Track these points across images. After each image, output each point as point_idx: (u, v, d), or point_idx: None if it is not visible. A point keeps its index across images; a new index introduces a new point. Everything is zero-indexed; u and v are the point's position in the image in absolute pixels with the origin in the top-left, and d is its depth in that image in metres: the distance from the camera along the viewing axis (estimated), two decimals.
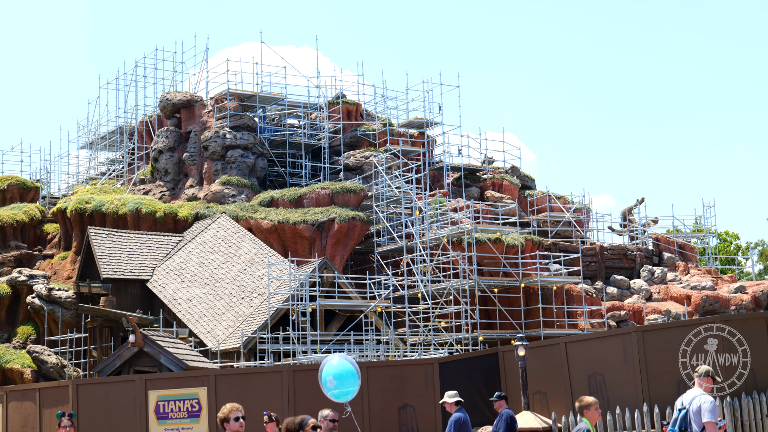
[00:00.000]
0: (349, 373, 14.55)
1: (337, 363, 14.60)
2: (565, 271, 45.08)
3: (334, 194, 45.90)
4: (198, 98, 53.00)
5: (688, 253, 53.60)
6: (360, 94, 57.25)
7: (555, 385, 22.35)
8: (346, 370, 14.53)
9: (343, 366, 14.54)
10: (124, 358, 28.43)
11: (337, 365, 14.57)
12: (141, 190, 51.82)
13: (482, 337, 40.38)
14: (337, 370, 14.55)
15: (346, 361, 14.61)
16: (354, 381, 14.60)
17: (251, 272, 39.72)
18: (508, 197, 53.06)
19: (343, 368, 14.53)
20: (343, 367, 14.54)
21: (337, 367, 14.58)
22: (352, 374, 14.57)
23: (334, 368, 14.58)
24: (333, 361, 14.68)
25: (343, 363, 14.56)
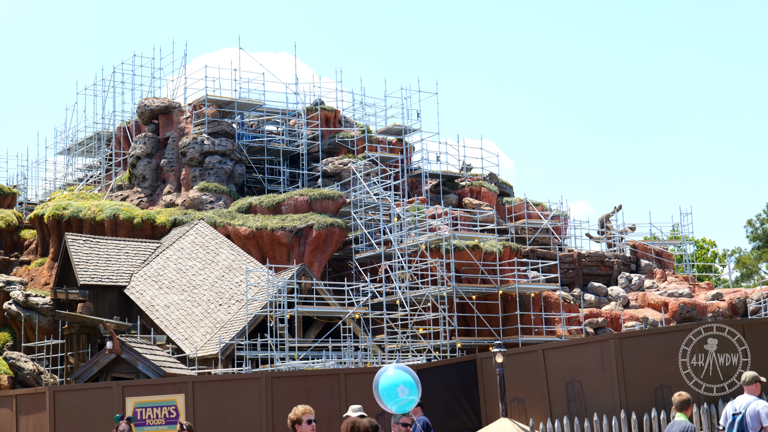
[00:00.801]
0: (409, 383, 14.22)
1: (394, 374, 14.20)
2: (543, 278, 45.17)
3: (312, 201, 45.89)
4: (176, 104, 52.89)
5: (666, 261, 53.80)
6: (338, 101, 57.32)
7: (533, 391, 22.38)
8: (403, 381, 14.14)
9: (401, 376, 14.12)
10: (102, 364, 28.33)
11: (394, 376, 14.15)
12: (119, 196, 51.67)
13: (460, 344, 40.41)
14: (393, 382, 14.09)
15: (404, 372, 14.22)
16: (414, 391, 14.25)
17: (229, 279, 39.66)
18: (486, 204, 53.15)
19: (402, 378, 14.12)
20: (401, 377, 14.12)
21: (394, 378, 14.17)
22: (412, 385, 14.25)
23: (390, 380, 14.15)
24: (389, 372, 14.30)
25: (401, 374, 14.15)
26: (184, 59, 55.52)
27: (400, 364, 14.45)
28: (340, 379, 23.89)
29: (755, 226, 77.95)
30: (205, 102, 50.92)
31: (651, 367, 20.64)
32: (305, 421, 11.24)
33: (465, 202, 53.34)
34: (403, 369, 14.04)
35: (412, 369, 14.12)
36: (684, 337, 20.44)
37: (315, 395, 23.42)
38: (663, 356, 20.65)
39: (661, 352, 20.75)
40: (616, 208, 56.36)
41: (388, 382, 13.91)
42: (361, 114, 56.10)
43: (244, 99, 52.25)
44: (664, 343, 20.88)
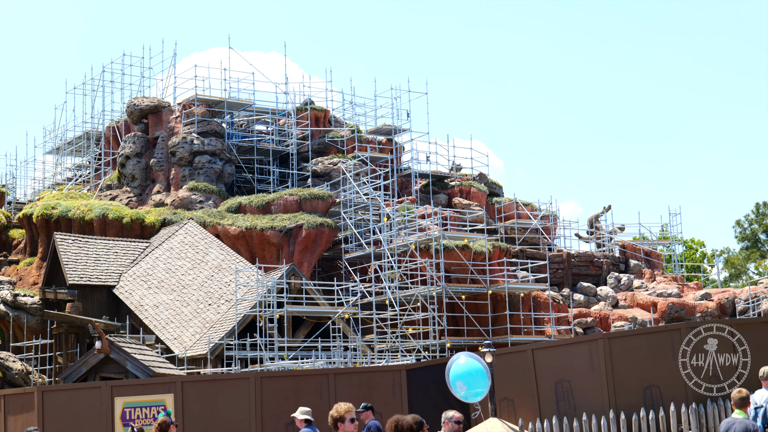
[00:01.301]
0: (478, 372, 14.21)
1: (465, 362, 14.22)
2: (532, 278, 45.21)
3: (301, 201, 45.87)
4: (165, 104, 52.82)
5: (655, 261, 53.88)
6: (328, 101, 57.29)
7: (522, 391, 22.37)
8: (474, 369, 14.14)
9: (471, 366, 14.13)
10: (90, 364, 28.28)
11: (465, 365, 14.17)
12: (108, 195, 51.58)
13: (450, 344, 40.43)
14: (466, 370, 14.11)
15: (474, 360, 14.24)
16: (484, 380, 14.24)
17: (218, 278, 39.62)
18: (475, 204, 53.18)
19: (472, 368, 14.13)
20: (471, 366, 14.13)
21: (465, 366, 14.19)
22: (482, 373, 14.24)
23: (462, 368, 14.19)
24: (460, 360, 14.32)
25: (471, 362, 14.17)
26: (173, 58, 55.50)
27: (469, 353, 14.48)
28: (329, 379, 23.87)
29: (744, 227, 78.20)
30: (194, 101, 50.85)
31: (640, 367, 20.65)
32: (348, 419, 11.16)
33: (455, 202, 53.36)
34: (474, 358, 14.11)
35: (482, 359, 14.17)
36: (675, 337, 20.45)
37: (304, 395, 23.39)
38: (652, 356, 20.66)
39: (650, 352, 20.77)
40: (605, 208, 56.43)
41: (450, 373, 14.04)
42: (351, 114, 56.15)
43: (234, 98, 52.21)
44: (653, 343, 20.90)
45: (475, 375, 14.13)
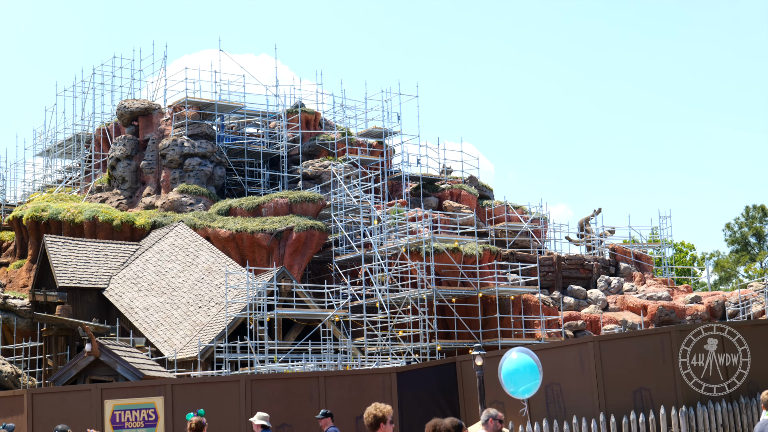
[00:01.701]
0: (529, 367, 14.22)
1: (517, 358, 14.23)
2: (522, 281, 45.24)
3: (292, 203, 45.84)
4: (156, 106, 52.76)
5: (645, 264, 53.95)
6: (319, 103, 57.29)
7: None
8: (524, 365, 14.15)
9: (521, 362, 14.15)
10: (80, 367, 28.21)
11: (517, 360, 14.19)
12: (98, 198, 51.49)
13: (440, 347, 40.43)
14: (516, 366, 14.12)
15: (526, 355, 14.26)
16: (535, 374, 14.23)
17: (209, 281, 39.58)
18: (466, 207, 53.20)
19: (522, 364, 14.14)
20: (521, 362, 14.15)
21: (516, 362, 14.20)
22: (532, 368, 14.24)
23: (513, 364, 14.20)
24: (512, 355, 14.33)
25: (523, 357, 14.20)
26: (164, 61, 55.44)
27: (522, 348, 14.49)
28: (319, 382, 23.86)
29: (734, 230, 78.37)
30: (185, 104, 50.81)
31: (630, 369, 20.68)
32: (389, 420, 11.11)
33: (445, 205, 53.38)
34: (525, 353, 14.12)
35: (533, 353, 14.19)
36: (665, 340, 20.48)
37: (294, 398, 23.38)
38: (642, 359, 20.69)
39: (640, 355, 20.79)
40: (595, 211, 56.48)
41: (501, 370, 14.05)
42: (342, 116, 56.15)
43: (225, 101, 52.16)
44: (643, 346, 20.93)
45: (524, 370, 14.19)
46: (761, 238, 77.81)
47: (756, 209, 78.00)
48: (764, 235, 77.84)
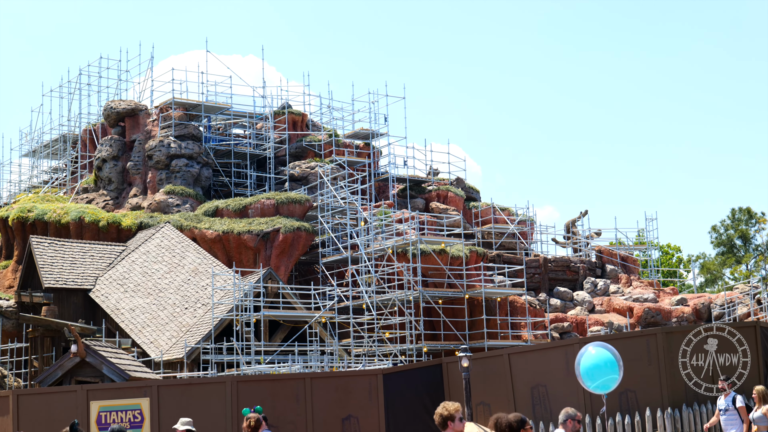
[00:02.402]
0: (609, 362, 14.21)
1: (596, 353, 14.24)
2: (509, 283, 45.30)
3: (279, 204, 45.82)
4: (142, 107, 52.69)
5: (631, 266, 54.07)
6: (306, 105, 57.26)
7: (498, 396, 22.43)
8: (603, 359, 14.15)
9: (600, 356, 14.15)
10: (66, 368, 28.17)
11: (596, 355, 14.20)
12: (84, 198, 51.39)
13: (426, 348, 40.45)
14: (595, 361, 14.13)
15: (605, 350, 14.27)
16: (614, 369, 14.22)
17: (195, 282, 39.53)
18: (452, 209, 53.24)
19: (601, 358, 14.14)
20: (600, 357, 14.15)
21: (595, 357, 14.21)
22: (612, 363, 14.23)
23: (592, 359, 14.20)
24: (590, 350, 14.33)
25: (602, 352, 14.21)
26: (150, 61, 55.36)
27: (600, 342, 14.52)
28: (306, 383, 23.86)
29: (719, 232, 78.54)
30: (171, 105, 50.74)
31: None
32: (458, 418, 11.07)
33: (432, 207, 53.42)
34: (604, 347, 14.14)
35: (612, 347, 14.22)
36: (651, 342, 20.55)
37: (281, 399, 23.38)
38: (627, 360, 20.68)
39: (625, 357, 20.78)
40: (582, 213, 56.60)
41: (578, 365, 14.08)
42: (329, 118, 56.15)
43: (211, 102, 52.11)
44: (628, 348, 20.95)
45: (603, 365, 14.22)
46: (747, 240, 78.01)
47: (742, 212, 78.20)
48: (750, 237, 78.03)
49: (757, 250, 77.96)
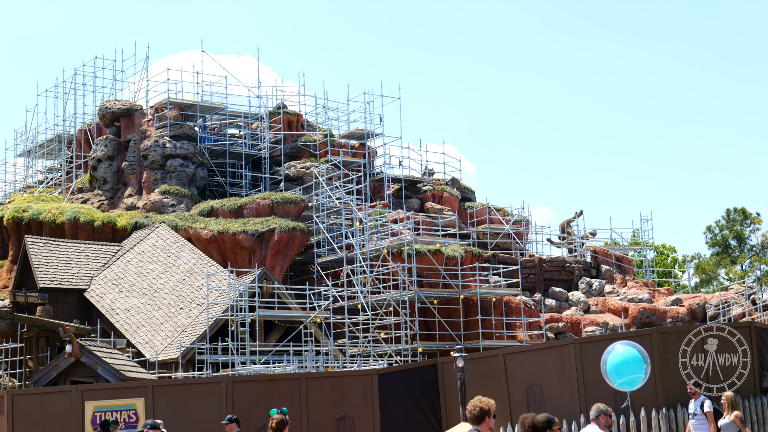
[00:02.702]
0: (636, 359, 14.35)
1: (624, 351, 14.40)
2: (504, 283, 45.30)
3: (274, 204, 45.80)
4: (138, 107, 52.64)
5: (626, 266, 54.09)
6: (301, 105, 57.24)
7: (493, 396, 22.30)
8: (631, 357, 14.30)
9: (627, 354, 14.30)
10: (61, 368, 28.14)
11: (624, 353, 14.35)
12: (79, 198, 51.35)
13: (421, 349, 40.45)
14: (622, 359, 14.29)
15: (632, 348, 14.43)
16: (640, 367, 14.34)
17: (190, 282, 39.51)
18: (448, 209, 53.24)
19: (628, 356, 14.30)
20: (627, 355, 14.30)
21: (623, 354, 14.36)
22: (638, 360, 14.36)
23: (619, 356, 14.35)
24: (618, 348, 14.47)
25: (629, 350, 14.37)
26: (146, 62, 55.32)
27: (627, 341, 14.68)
28: (300, 384, 23.86)
29: (714, 233, 78.58)
30: (167, 105, 50.71)
31: None
32: (493, 414, 11.43)
33: (427, 207, 53.41)
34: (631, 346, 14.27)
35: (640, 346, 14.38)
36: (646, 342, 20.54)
37: (276, 399, 23.37)
38: None
39: None
40: (577, 213, 56.61)
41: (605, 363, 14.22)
42: (324, 118, 56.11)
43: (207, 102, 52.06)
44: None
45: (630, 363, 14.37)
46: (742, 241, 78.06)
47: (737, 212, 78.26)
48: (745, 238, 78.09)
49: (752, 250, 78.03)
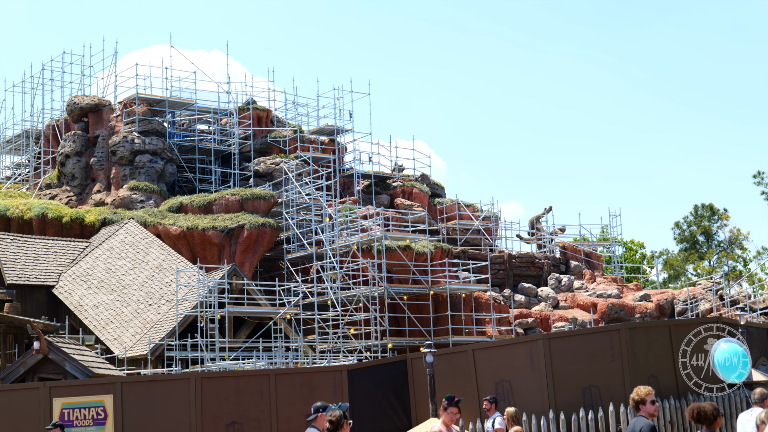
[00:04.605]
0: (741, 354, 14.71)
1: (727, 347, 14.71)
2: (473, 279, 45.38)
3: (243, 200, 45.70)
4: (106, 102, 52.39)
5: (595, 262, 54.32)
6: (271, 101, 57.17)
7: (463, 391, 22.43)
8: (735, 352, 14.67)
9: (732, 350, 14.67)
10: (29, 365, 27.99)
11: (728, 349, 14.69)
12: (47, 194, 51.07)
13: (391, 345, 40.49)
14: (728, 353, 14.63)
15: (735, 345, 14.78)
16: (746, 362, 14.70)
17: (159, 279, 39.37)
18: (417, 205, 53.29)
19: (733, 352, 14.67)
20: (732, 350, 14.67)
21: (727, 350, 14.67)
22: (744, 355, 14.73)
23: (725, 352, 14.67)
24: (722, 346, 14.75)
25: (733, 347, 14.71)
26: (114, 57, 55.08)
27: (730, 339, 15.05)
28: (270, 380, 23.80)
29: (683, 229, 79.06)
30: (135, 100, 50.49)
31: (579, 367, 20.78)
32: (649, 401, 11.92)
33: (397, 203, 53.45)
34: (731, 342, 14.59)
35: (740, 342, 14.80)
36: (614, 338, 20.64)
37: (245, 396, 23.31)
38: (591, 356, 20.81)
39: (589, 353, 20.91)
40: (546, 209, 56.78)
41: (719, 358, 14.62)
42: (294, 114, 56.05)
43: (176, 97, 51.88)
44: (592, 344, 21.04)
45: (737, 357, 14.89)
46: (710, 236, 78.57)
47: (705, 208, 78.76)
48: (712, 234, 78.61)
49: (720, 246, 78.55)
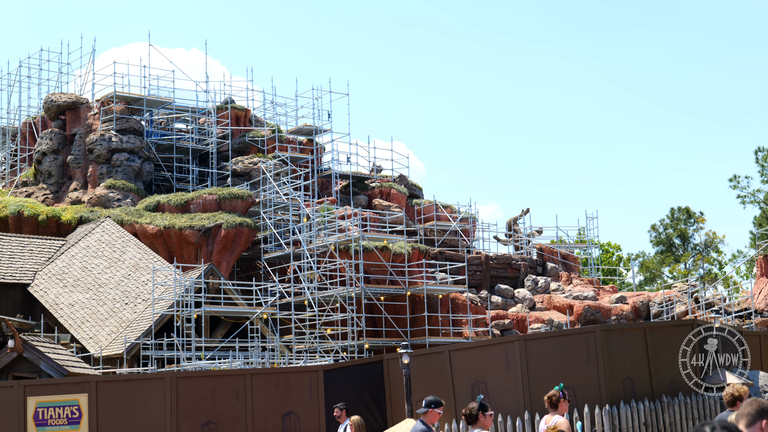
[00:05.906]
0: None
1: None
2: (450, 280, 45.44)
3: (221, 200, 45.62)
4: (84, 100, 52.18)
5: (571, 264, 54.46)
6: (249, 100, 57.02)
7: (439, 392, 22.47)
8: None
9: None
10: (3, 363, 27.86)
11: None
12: (23, 192, 50.83)
13: (368, 345, 40.50)
14: None
15: None
16: None
17: (136, 277, 39.25)
18: (395, 206, 53.31)
19: None
20: None
21: None
22: None
23: None
24: None
25: None
26: (92, 54, 54.85)
27: None
28: (246, 380, 23.80)
29: (659, 231, 79.38)
30: (113, 98, 50.31)
31: (555, 368, 20.85)
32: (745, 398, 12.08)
33: (375, 204, 53.46)
34: None
35: None
36: (590, 339, 20.72)
37: (220, 395, 23.30)
38: (567, 358, 20.89)
39: (564, 354, 20.99)
40: (523, 211, 56.89)
41: None
42: (272, 113, 55.95)
43: (154, 96, 51.71)
44: (568, 346, 21.13)
45: None
46: (685, 239, 78.92)
47: (681, 211, 79.11)
48: (688, 236, 78.96)
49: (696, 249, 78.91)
